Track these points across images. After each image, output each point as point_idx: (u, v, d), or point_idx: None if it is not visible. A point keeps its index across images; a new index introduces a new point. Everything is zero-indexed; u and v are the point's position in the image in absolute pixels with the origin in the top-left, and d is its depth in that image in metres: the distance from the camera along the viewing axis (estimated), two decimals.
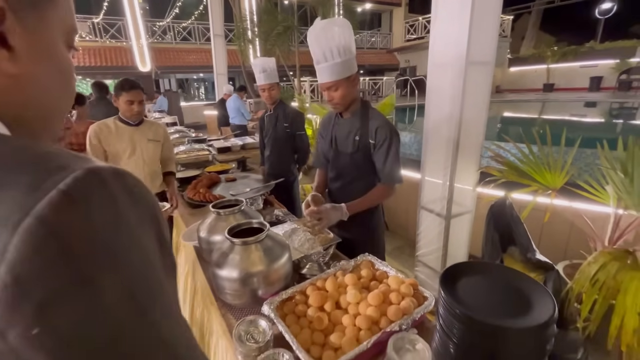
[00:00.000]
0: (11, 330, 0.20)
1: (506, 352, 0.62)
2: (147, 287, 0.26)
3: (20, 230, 0.20)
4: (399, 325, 0.87)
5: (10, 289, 0.20)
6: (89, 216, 0.23)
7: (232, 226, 1.11)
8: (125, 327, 0.24)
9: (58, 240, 0.21)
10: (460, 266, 0.78)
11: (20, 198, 0.21)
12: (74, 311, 0.22)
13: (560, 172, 1.79)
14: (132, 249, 0.25)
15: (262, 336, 0.90)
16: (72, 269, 0.22)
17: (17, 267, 0.20)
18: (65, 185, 0.22)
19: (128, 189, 0.26)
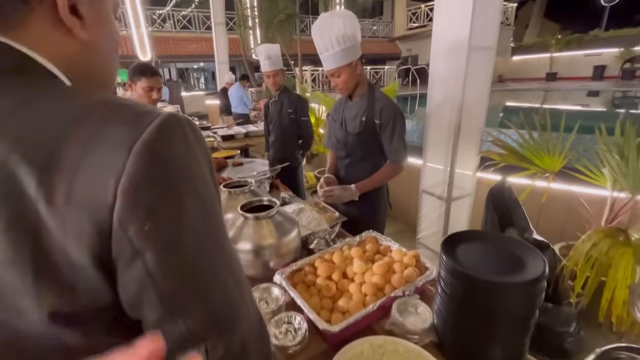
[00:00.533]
0: (131, 224, 0.27)
1: (501, 306, 0.68)
2: (212, 207, 0.34)
3: (133, 151, 0.27)
4: (402, 291, 0.94)
5: (129, 192, 0.27)
6: (175, 149, 0.30)
7: (244, 203, 1.17)
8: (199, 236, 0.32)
9: (158, 161, 0.29)
10: (461, 234, 0.84)
11: (128, 131, 0.28)
12: (171, 217, 0.29)
13: (558, 156, 1.84)
14: (203, 182, 0.33)
15: (275, 302, 0.97)
16: (168, 186, 0.29)
17: (133, 177, 0.27)
18: (158, 122, 0.29)
19: (194, 130, 0.33)
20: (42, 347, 0.28)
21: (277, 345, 0.83)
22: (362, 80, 1.56)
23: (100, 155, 0.27)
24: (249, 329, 0.36)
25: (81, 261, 0.27)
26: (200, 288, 0.32)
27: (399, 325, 0.83)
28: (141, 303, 0.30)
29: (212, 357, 0.32)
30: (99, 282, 0.28)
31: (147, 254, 0.28)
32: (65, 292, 0.27)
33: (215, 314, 0.32)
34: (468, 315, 0.73)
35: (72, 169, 0.26)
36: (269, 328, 0.86)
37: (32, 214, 0.26)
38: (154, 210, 0.28)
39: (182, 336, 0.31)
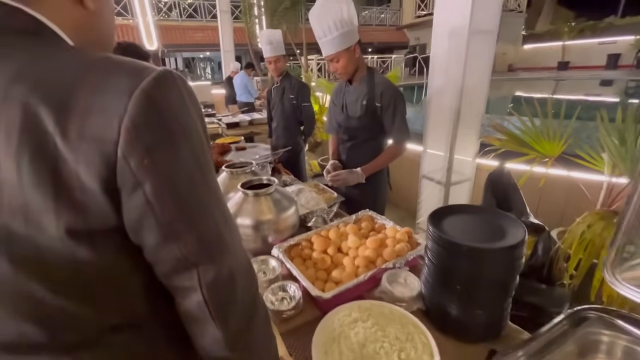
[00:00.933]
0: (132, 158, 0.33)
1: (482, 271, 0.72)
2: (203, 154, 0.39)
3: (133, 97, 0.33)
4: (392, 264, 0.98)
5: (131, 131, 0.33)
6: (170, 99, 0.36)
7: (244, 181, 1.22)
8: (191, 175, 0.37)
9: (155, 107, 0.34)
10: (448, 208, 0.87)
11: (131, 81, 0.33)
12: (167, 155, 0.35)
13: (558, 141, 1.84)
14: (194, 129, 0.38)
15: (272, 272, 1.02)
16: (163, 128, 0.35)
17: (134, 118, 0.32)
18: (155, 75, 0.35)
19: (187, 86, 0.39)
20: (59, 260, 0.34)
21: (273, 310, 0.88)
22: (361, 65, 1.58)
23: (106, 100, 0.32)
24: (236, 264, 0.42)
25: (92, 187, 0.32)
26: (193, 218, 0.37)
27: (387, 293, 0.88)
28: (142, 228, 0.36)
29: (203, 280, 0.38)
30: (107, 206, 0.34)
31: (146, 184, 0.34)
32: (79, 213, 0.33)
33: (205, 242, 0.38)
34: (452, 282, 0.77)
35: (83, 110, 0.32)
36: (266, 295, 0.91)
37: (51, 146, 0.31)
38: (151, 147, 0.34)
39: (177, 260, 0.37)
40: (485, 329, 0.78)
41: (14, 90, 0.31)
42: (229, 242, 0.41)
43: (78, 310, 0.36)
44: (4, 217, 0.32)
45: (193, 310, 0.40)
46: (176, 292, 0.41)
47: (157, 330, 0.43)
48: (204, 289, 0.39)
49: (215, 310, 0.40)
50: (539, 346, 0.56)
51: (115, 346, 0.39)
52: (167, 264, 0.38)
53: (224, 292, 0.40)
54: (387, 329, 0.70)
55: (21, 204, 0.31)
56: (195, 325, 0.42)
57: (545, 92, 10.29)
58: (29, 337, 0.35)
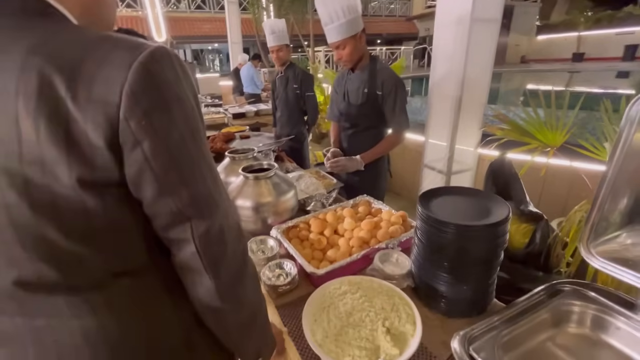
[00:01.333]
0: (132, 120, 0.39)
1: (467, 248, 0.75)
2: (194, 123, 0.44)
3: (132, 67, 0.38)
4: (385, 244, 1.02)
5: (130, 97, 0.38)
6: (164, 70, 0.41)
7: (245, 166, 1.27)
8: (184, 138, 0.43)
9: (151, 77, 0.39)
10: (438, 189, 0.90)
11: (130, 54, 0.39)
12: (162, 119, 0.40)
13: (561, 130, 1.84)
14: (186, 99, 0.43)
15: (270, 251, 1.07)
16: (158, 95, 0.40)
17: (133, 85, 0.38)
18: (151, 49, 0.40)
19: (179, 61, 0.44)
20: (71, 207, 0.39)
21: (269, 285, 0.93)
22: (365, 53, 1.60)
23: (110, 70, 0.38)
24: (225, 222, 0.47)
25: (98, 143, 0.38)
26: (185, 175, 0.43)
27: (378, 271, 0.92)
28: (141, 182, 0.41)
29: (195, 233, 0.44)
30: (111, 161, 0.39)
31: (144, 143, 0.39)
32: (88, 166, 0.38)
33: (196, 197, 0.44)
34: (439, 259, 0.81)
35: (90, 78, 0.37)
36: (264, 271, 0.96)
37: (63, 108, 0.36)
38: (148, 111, 0.39)
39: (172, 213, 0.43)
40: (471, 304, 0.81)
41: (32, 61, 0.36)
42: (219, 201, 0.47)
43: (87, 255, 0.42)
44: (24, 168, 0.37)
45: (188, 260, 0.46)
46: (172, 244, 0.46)
47: (154, 279, 0.49)
48: (197, 241, 0.44)
49: (207, 261, 0.46)
50: (514, 313, 0.60)
51: (119, 291, 0.45)
52: (164, 217, 0.44)
53: (215, 245, 0.46)
54: (373, 300, 0.74)
55: (39, 157, 0.37)
56: (190, 275, 0.47)
57: (558, 84, 10.05)
58: (45, 277, 0.40)
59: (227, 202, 0.49)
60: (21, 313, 0.42)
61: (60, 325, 0.43)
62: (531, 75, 11.98)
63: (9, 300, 0.42)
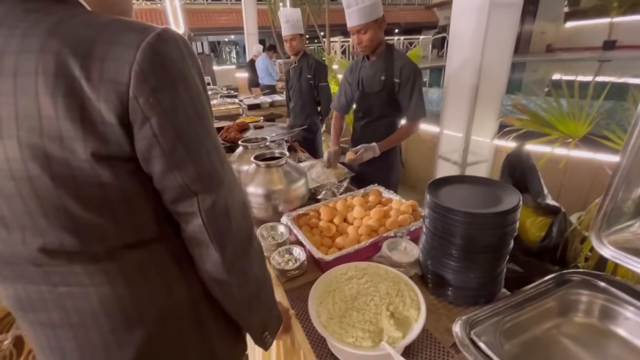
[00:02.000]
0: (140, 97, 0.41)
1: (474, 236, 0.75)
2: (200, 102, 0.47)
3: (140, 47, 0.41)
4: (394, 233, 1.02)
5: (139, 75, 0.40)
6: (170, 51, 0.43)
7: (257, 154, 1.29)
8: (190, 116, 0.45)
9: (158, 56, 0.41)
10: (447, 178, 0.90)
11: (138, 36, 0.41)
12: (168, 97, 0.43)
13: (584, 121, 1.76)
14: (191, 79, 0.45)
15: (280, 237, 1.10)
16: (165, 74, 0.42)
17: (141, 64, 0.40)
18: (158, 31, 0.42)
19: (188, 47, 0.46)
20: (87, 180, 0.42)
21: (278, 269, 0.96)
22: (382, 40, 1.59)
23: (120, 51, 0.40)
24: (230, 198, 0.50)
25: (111, 120, 0.40)
26: (191, 151, 0.45)
27: (386, 258, 0.93)
28: (150, 157, 0.44)
29: (202, 206, 0.47)
30: (123, 137, 0.42)
31: (152, 119, 0.42)
32: (102, 141, 0.41)
33: (202, 173, 0.47)
34: (447, 247, 0.80)
35: (102, 59, 0.39)
36: (274, 256, 0.99)
37: (78, 87, 0.39)
38: (155, 89, 0.41)
39: (180, 187, 0.46)
40: (478, 292, 0.81)
41: (49, 43, 0.39)
42: (224, 177, 0.49)
43: (103, 225, 0.45)
44: (45, 142, 0.40)
45: (195, 233, 0.49)
46: (181, 218, 0.49)
47: (165, 251, 0.52)
48: (203, 214, 0.47)
49: (213, 233, 0.49)
50: (519, 300, 0.59)
51: (132, 261, 0.48)
52: (172, 191, 0.46)
53: (221, 218, 0.49)
54: (379, 285, 0.75)
55: (57, 132, 0.40)
56: (198, 248, 0.50)
57: (587, 74, 9.55)
58: (66, 245, 0.44)
59: (232, 180, 0.52)
60: (46, 282, 0.46)
61: (80, 293, 0.46)
62: (557, 65, 11.43)
63: (36, 269, 0.45)
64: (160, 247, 0.51)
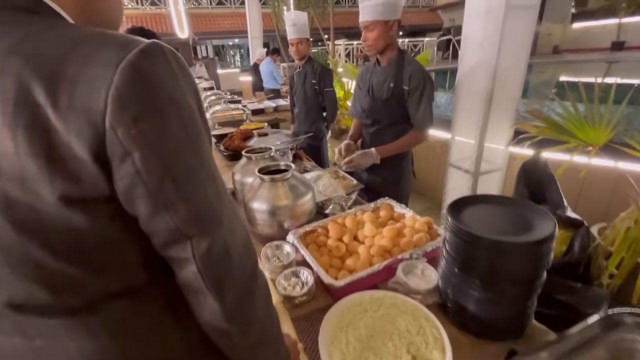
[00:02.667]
0: (119, 128, 0.34)
1: (504, 267, 0.67)
2: (193, 127, 0.39)
3: (119, 68, 0.33)
4: (409, 254, 0.94)
5: (117, 102, 0.33)
6: (156, 69, 0.36)
7: (261, 167, 1.22)
8: (180, 146, 0.38)
9: (140, 77, 0.34)
10: (470, 198, 0.82)
11: (117, 52, 0.34)
12: (154, 125, 0.35)
13: (605, 128, 1.67)
14: (183, 100, 0.38)
15: (286, 257, 1.02)
16: (149, 98, 0.35)
17: (120, 89, 0.33)
18: (142, 47, 0.35)
19: (179, 62, 0.39)
20: (57, 225, 0.35)
21: (284, 296, 0.88)
22: (393, 44, 1.53)
23: (94, 71, 0.33)
24: (231, 237, 0.42)
25: (83, 156, 0.33)
26: (183, 188, 0.38)
27: (402, 284, 0.85)
28: (134, 198, 0.37)
29: (196, 252, 0.39)
30: (99, 175, 0.35)
31: (134, 154, 0.35)
32: (73, 181, 0.34)
33: (196, 213, 0.39)
34: (470, 276, 0.73)
35: (72, 81, 0.32)
36: (279, 280, 0.92)
37: (43, 117, 0.32)
38: (138, 117, 0.34)
39: (170, 231, 0.39)
40: (506, 327, 0.73)
41: (9, 65, 0.32)
42: (222, 215, 0.42)
43: (79, 274, 0.38)
44: (3, 183, 0.33)
45: (190, 281, 0.42)
46: (173, 262, 0.42)
47: (157, 298, 0.45)
48: (198, 261, 0.40)
49: (211, 282, 0.41)
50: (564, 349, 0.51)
51: (117, 312, 0.41)
52: (162, 235, 0.39)
53: (219, 264, 0.41)
54: (397, 321, 0.67)
55: (18, 172, 0.33)
56: (194, 295, 0.43)
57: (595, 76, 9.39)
58: (36, 298, 0.37)
59: (233, 215, 0.44)
60: (19, 333, 0.39)
61: (58, 346, 0.40)
62: (564, 66, 11.28)
63: (4, 320, 0.39)
64: (151, 293, 0.44)
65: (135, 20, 11.33)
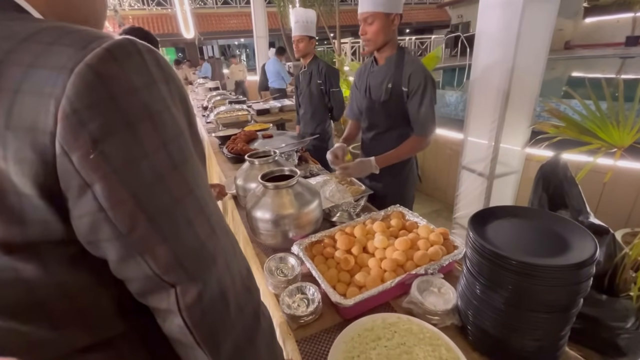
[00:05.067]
0: (74, 153, 0.26)
1: (535, 292, 0.59)
2: (178, 147, 0.31)
3: (74, 73, 0.25)
4: (424, 269, 0.87)
5: (70, 118, 0.25)
6: (126, 74, 0.28)
7: (265, 172, 1.15)
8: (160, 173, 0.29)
9: (104, 85, 0.26)
10: (494, 209, 0.74)
11: (74, 52, 0.26)
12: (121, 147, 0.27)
13: (630, 128, 1.56)
14: (164, 112, 0.30)
15: (291, 271, 0.96)
16: (116, 111, 0.27)
17: (74, 102, 0.25)
18: (108, 45, 0.27)
19: (160, 64, 0.30)
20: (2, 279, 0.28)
21: (289, 315, 0.82)
22: (393, 42, 1.42)
23: (41, 77, 0.26)
24: (229, 277, 0.35)
25: (27, 190, 0.26)
26: (162, 223, 0.30)
27: (417, 304, 0.78)
28: (98, 240, 0.29)
29: (182, 303, 0.31)
30: (49, 214, 0.28)
31: (96, 185, 0.27)
32: (15, 223, 0.27)
33: (181, 255, 0.31)
34: (494, 300, 0.65)
35: (12, 91, 0.25)
36: (283, 297, 0.85)
37: None
38: (99, 137, 0.26)
39: (147, 278, 0.31)
40: (536, 357, 0.65)
41: None
42: (216, 252, 0.34)
43: (36, 334, 0.31)
44: None
45: (175, 335, 0.34)
46: (154, 312, 0.34)
47: (138, 348, 0.38)
48: (184, 313, 0.32)
49: (201, 336, 0.33)
50: None
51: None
52: (137, 283, 0.32)
53: (213, 313, 0.33)
54: (414, 351, 0.60)
55: None
56: (182, 349, 0.36)
57: (608, 71, 9.12)
58: None
59: (229, 248, 0.36)
60: None
61: None
62: (576, 62, 10.99)
63: None
64: (130, 342, 0.37)
65: (142, 21, 11.38)
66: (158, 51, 0.31)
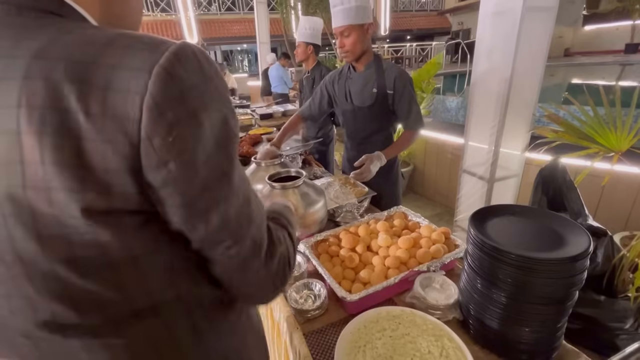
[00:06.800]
0: (155, 137, 0.32)
1: (532, 285, 0.62)
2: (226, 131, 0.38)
3: (153, 74, 0.31)
4: (427, 267, 0.90)
5: (153, 110, 0.31)
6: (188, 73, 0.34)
7: (272, 173, 1.19)
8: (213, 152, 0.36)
9: (175, 83, 0.32)
10: (493, 207, 0.77)
11: (148, 55, 0.32)
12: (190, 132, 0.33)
13: (628, 133, 1.60)
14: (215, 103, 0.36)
15: (298, 268, 0.99)
16: (184, 104, 0.33)
17: (155, 95, 0.31)
18: (173, 49, 0.33)
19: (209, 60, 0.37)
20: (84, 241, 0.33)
21: (296, 309, 0.85)
22: (369, 49, 1.49)
23: (126, 76, 0.31)
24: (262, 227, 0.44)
25: (116, 166, 0.31)
26: (217, 196, 0.37)
27: (420, 299, 0.81)
28: (166, 209, 0.35)
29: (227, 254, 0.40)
30: (131, 186, 0.33)
31: (170, 164, 0.33)
32: (102, 193, 0.32)
33: (228, 218, 0.39)
34: (495, 293, 0.68)
35: (104, 87, 0.30)
36: (290, 293, 0.88)
37: (73, 124, 0.30)
38: (174, 126, 0.33)
39: (201, 240, 0.39)
40: (534, 348, 0.68)
41: (36, 67, 0.30)
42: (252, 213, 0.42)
43: (104, 293, 0.36)
44: (28, 195, 0.31)
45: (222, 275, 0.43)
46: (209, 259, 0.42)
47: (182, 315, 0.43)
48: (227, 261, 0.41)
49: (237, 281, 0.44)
50: None
51: (141, 332, 0.39)
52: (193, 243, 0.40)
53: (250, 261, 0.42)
54: (418, 341, 0.63)
55: (44, 182, 0.31)
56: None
57: (607, 78, 9.19)
58: (59, 317, 0.36)
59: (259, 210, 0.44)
60: (37, 356, 0.38)
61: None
62: (576, 69, 11.08)
63: (25, 341, 0.37)
64: (177, 310, 0.41)
65: (146, 27, 11.53)
66: (203, 50, 0.37)
